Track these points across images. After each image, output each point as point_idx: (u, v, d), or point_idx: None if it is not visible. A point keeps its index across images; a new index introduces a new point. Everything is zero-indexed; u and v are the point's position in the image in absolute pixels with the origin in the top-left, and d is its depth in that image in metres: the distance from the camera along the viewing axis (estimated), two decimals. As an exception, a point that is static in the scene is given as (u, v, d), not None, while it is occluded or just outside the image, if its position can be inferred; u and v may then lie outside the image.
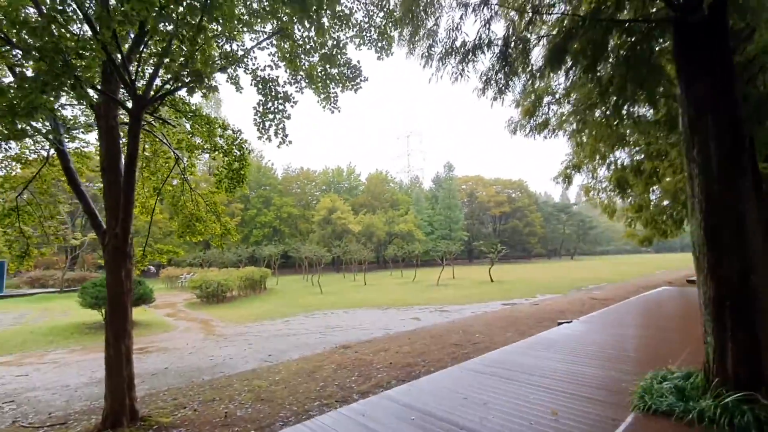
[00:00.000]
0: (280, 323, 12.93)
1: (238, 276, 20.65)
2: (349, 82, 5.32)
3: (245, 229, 50.22)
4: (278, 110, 4.90)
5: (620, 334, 8.05)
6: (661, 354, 6.58)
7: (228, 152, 5.55)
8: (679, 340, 7.32)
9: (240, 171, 5.66)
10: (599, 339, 7.64)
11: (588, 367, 5.91)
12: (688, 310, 10.50)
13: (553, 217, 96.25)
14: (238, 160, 5.56)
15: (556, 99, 16.36)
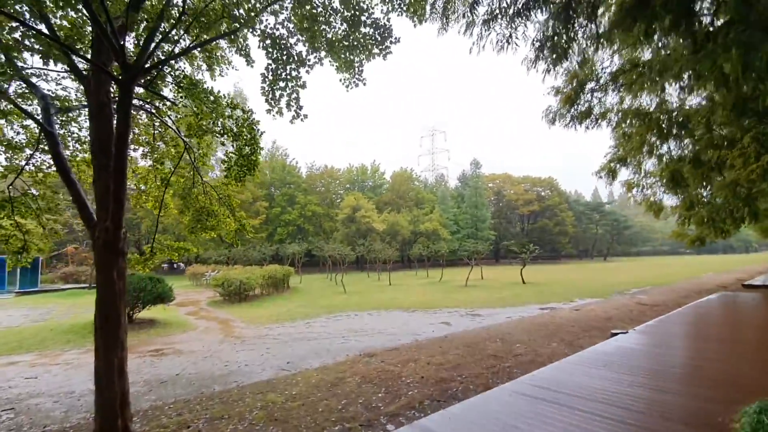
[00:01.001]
0: (302, 325, 12.27)
1: (261, 274, 20.25)
2: (377, 46, 4.47)
3: (270, 227, 50.44)
4: (291, 77, 4.13)
5: (690, 349, 6.87)
6: (752, 376, 5.41)
7: (238, 135, 4.82)
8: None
9: (251, 157, 4.93)
10: (665, 354, 6.50)
11: (661, 391, 4.84)
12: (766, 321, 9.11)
13: (584, 217, 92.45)
14: (249, 143, 4.83)
15: (600, 85, 14.99)
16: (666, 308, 13.06)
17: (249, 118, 4.72)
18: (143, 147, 6.41)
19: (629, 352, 6.70)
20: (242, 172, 5.02)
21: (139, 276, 12.86)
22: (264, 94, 4.20)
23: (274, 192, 54.05)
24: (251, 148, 4.83)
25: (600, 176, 17.25)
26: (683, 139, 12.95)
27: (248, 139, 4.76)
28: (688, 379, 5.48)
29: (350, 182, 61.39)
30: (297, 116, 4.30)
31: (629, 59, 14.02)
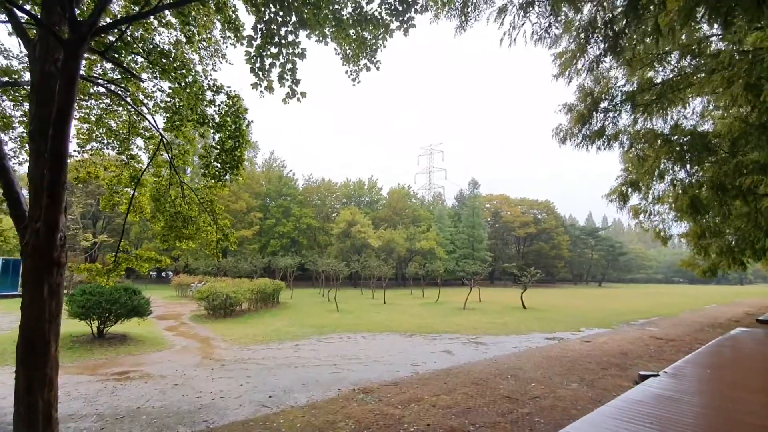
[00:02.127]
0: (289, 347, 11.18)
1: (249, 288, 19.12)
2: (398, 17, 3.64)
3: (263, 238, 49.23)
4: (286, 41, 3.27)
5: (730, 399, 5.91)
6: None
7: (221, 126, 3.95)
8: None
9: (235, 152, 4.05)
10: (706, 407, 5.54)
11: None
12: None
13: (580, 241, 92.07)
14: (233, 136, 3.96)
15: (614, 105, 14.34)
16: (683, 344, 12.14)
17: (234, 105, 3.85)
18: (112, 139, 5.50)
19: (667, 403, 5.74)
20: (223, 169, 4.13)
21: (113, 287, 11.78)
22: (249, 61, 3.32)
23: (269, 203, 53.04)
24: (235, 142, 3.97)
25: (611, 200, 16.55)
26: (703, 163, 12.28)
27: (232, 131, 3.90)
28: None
29: (347, 197, 60.56)
30: (292, 94, 3.44)
31: (645, 80, 13.47)
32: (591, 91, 13.45)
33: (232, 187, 46.13)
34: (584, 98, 13.79)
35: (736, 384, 6.77)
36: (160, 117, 5.29)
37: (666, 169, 14.55)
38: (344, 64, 4.85)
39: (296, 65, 3.39)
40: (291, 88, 3.42)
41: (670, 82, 12.34)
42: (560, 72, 14.98)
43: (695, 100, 14.91)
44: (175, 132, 4.81)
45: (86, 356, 9.95)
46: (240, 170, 4.29)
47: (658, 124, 14.42)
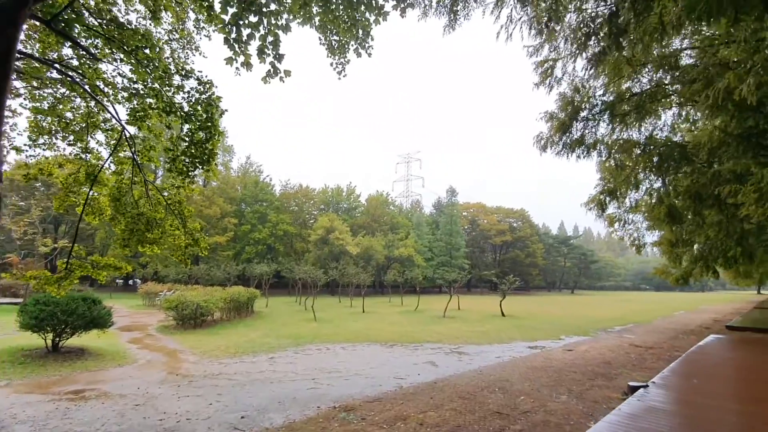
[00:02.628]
0: (264, 360, 10.54)
1: (222, 297, 18.23)
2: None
3: (238, 245, 47.82)
4: (268, 11, 2.83)
5: (723, 410, 5.79)
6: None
7: (190, 115, 3.49)
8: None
9: (206, 144, 3.58)
10: (702, 419, 5.38)
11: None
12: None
13: (553, 249, 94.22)
14: (204, 127, 3.50)
15: (593, 114, 14.50)
16: (662, 351, 12.23)
17: (206, 93, 3.40)
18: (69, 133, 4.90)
19: (660, 416, 5.55)
20: (192, 164, 3.64)
21: (70, 296, 10.85)
22: (223, 30, 2.84)
23: (244, 208, 51.66)
24: (207, 133, 3.50)
25: (590, 208, 16.72)
26: (679, 172, 12.50)
27: (203, 121, 3.44)
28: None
29: (325, 203, 59.77)
30: (274, 72, 3.01)
31: (622, 90, 13.69)
32: (572, 99, 13.58)
33: (206, 192, 44.71)
34: (565, 107, 13.91)
35: (725, 395, 6.68)
36: (122, 108, 4.75)
37: (642, 178, 14.83)
38: (329, 56, 4.48)
39: (279, 38, 2.96)
40: (273, 65, 2.99)
41: (647, 92, 12.58)
42: (541, 80, 15.13)
43: (667, 113, 15.35)
44: (138, 124, 4.28)
45: (38, 372, 9.03)
46: (212, 166, 3.83)
47: (634, 134, 14.75)
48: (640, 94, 12.73)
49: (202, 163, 3.79)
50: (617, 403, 6.76)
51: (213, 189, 46.61)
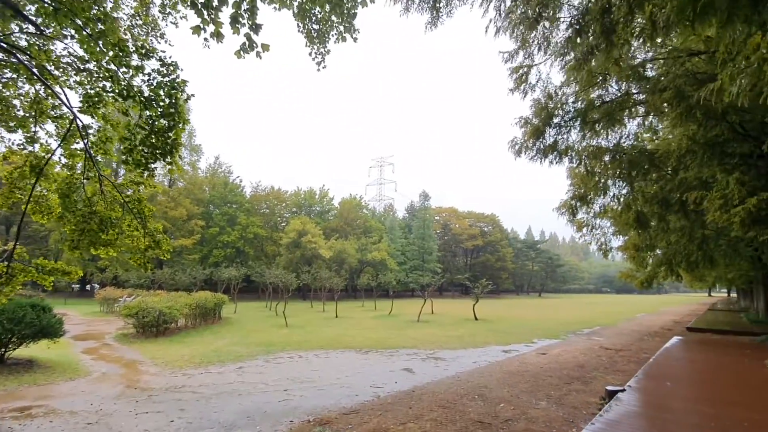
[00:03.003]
0: (232, 370, 9.95)
1: (187, 303, 17.30)
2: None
3: (205, 248, 46.08)
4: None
5: (698, 414, 5.85)
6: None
7: (150, 101, 3.08)
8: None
9: (168, 133, 3.18)
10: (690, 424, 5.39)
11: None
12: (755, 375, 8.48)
13: (522, 254, 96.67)
14: (166, 113, 3.10)
15: (565, 121, 14.78)
16: (631, 353, 12.52)
17: (169, 75, 3.01)
18: (11, 120, 4.33)
19: (642, 422, 5.52)
20: (152, 155, 3.23)
21: (17, 302, 9.89)
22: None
23: (213, 210, 49.90)
24: (170, 121, 3.10)
25: (561, 212, 17.05)
26: (647, 179, 12.91)
27: (166, 107, 3.04)
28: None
29: (297, 206, 58.66)
30: (250, 46, 2.64)
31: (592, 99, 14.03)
32: (545, 105, 13.80)
33: (171, 192, 42.88)
34: (539, 112, 14.12)
35: (699, 398, 6.78)
36: (75, 95, 4.24)
37: (611, 184, 15.25)
38: (308, 45, 4.17)
39: (256, 5, 2.61)
40: (248, 36, 2.63)
41: (617, 101, 12.91)
42: (516, 86, 15.31)
43: (632, 122, 15.90)
44: (92, 111, 3.80)
45: None
46: (175, 158, 3.41)
47: (602, 142, 15.17)
48: (610, 102, 13.10)
49: (164, 154, 3.37)
50: (596, 409, 6.74)
51: (179, 190, 44.75)
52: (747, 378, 8.29)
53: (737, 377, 8.37)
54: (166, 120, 3.19)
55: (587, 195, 15.87)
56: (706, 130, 8.61)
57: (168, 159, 3.41)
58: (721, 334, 16.97)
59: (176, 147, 3.41)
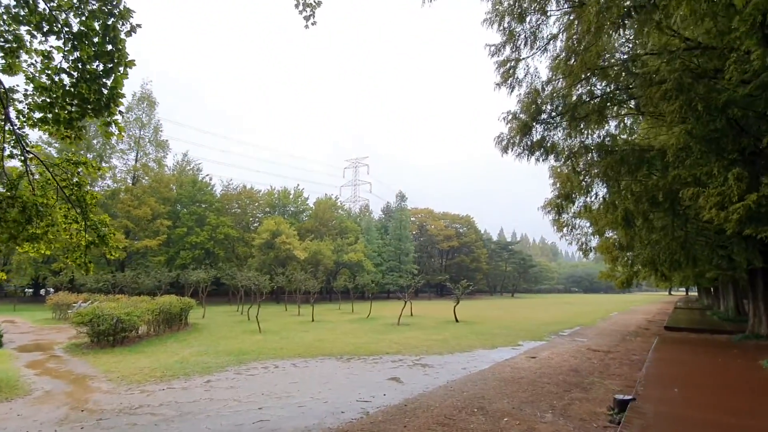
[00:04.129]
0: (199, 385, 8.86)
1: (149, 308, 15.87)
2: None
3: (171, 249, 43.74)
4: None
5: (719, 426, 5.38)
6: None
7: (81, 36, 2.18)
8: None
9: (104, 80, 2.29)
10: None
11: None
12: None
13: (495, 254, 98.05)
14: (101, 53, 2.21)
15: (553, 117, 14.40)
16: (620, 355, 12.24)
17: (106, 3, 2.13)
18: None
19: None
20: (81, 110, 2.31)
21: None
22: None
23: (180, 210, 47.48)
24: (106, 64, 2.21)
25: (547, 211, 16.74)
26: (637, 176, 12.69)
27: (101, 44, 2.15)
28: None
29: (270, 206, 56.82)
30: None
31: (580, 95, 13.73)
32: (534, 99, 13.39)
33: (135, 190, 40.46)
34: (528, 107, 13.72)
35: (713, 406, 6.34)
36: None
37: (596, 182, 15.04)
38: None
39: None
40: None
41: (609, 94, 12.61)
42: (503, 80, 14.85)
43: (610, 123, 15.79)
44: (9, 61, 2.82)
45: None
46: (113, 113, 2.51)
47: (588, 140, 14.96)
48: (600, 97, 12.82)
49: (98, 109, 2.46)
50: (606, 421, 6.20)
51: (143, 187, 42.25)
52: (751, 382, 7.99)
53: (741, 381, 8.06)
54: (101, 62, 2.30)
55: (572, 194, 15.64)
56: (705, 124, 8.34)
57: (103, 115, 2.51)
58: (698, 333, 17.16)
59: (115, 99, 2.52)
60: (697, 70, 9.07)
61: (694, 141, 8.70)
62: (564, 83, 12.84)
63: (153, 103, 44.70)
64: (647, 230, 14.36)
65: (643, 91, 9.22)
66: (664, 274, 15.39)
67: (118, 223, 39.47)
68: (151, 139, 44.53)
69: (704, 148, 8.71)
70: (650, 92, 8.69)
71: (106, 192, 42.15)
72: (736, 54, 7.56)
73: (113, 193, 41.68)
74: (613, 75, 12.13)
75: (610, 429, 5.86)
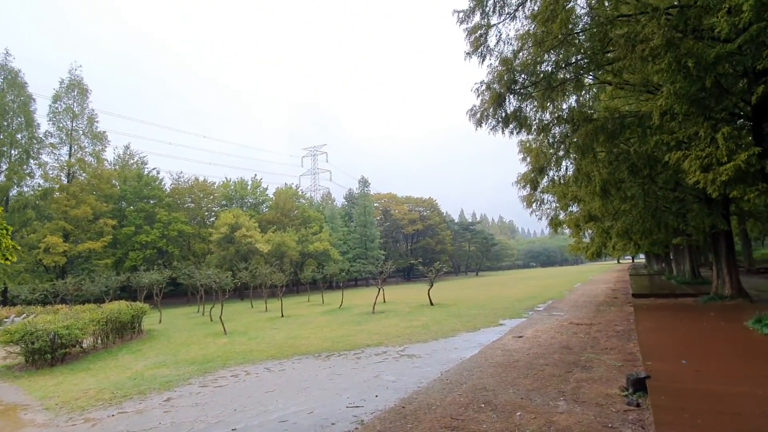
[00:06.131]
0: (157, 405, 7.59)
1: (95, 318, 14.01)
2: None
3: (118, 251, 40.35)
4: None
5: (755, 397, 4.99)
6: None
7: None
8: None
9: None
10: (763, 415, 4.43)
11: None
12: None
13: (459, 235, 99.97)
14: None
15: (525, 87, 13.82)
16: (603, 327, 12.15)
17: None
18: None
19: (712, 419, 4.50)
20: None
21: None
22: None
23: (125, 207, 43.75)
24: None
25: (522, 186, 16.38)
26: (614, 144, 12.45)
27: None
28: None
29: (227, 198, 53.85)
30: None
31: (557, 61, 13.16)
32: (509, 68, 12.74)
33: (71, 188, 36.62)
34: (501, 76, 13.06)
35: (729, 375, 6.01)
36: None
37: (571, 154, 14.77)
38: None
39: None
40: None
41: (589, 56, 12.07)
42: (473, 49, 14.04)
43: (586, 93, 15.55)
44: None
45: None
46: None
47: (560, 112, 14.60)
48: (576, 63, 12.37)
49: None
50: (621, 403, 5.71)
51: (81, 184, 38.29)
52: (747, 345, 7.88)
53: (738, 346, 7.92)
54: None
55: (546, 167, 15.34)
56: (693, 82, 8.00)
57: None
58: (665, 298, 17.72)
59: None
60: (681, 27, 8.70)
61: (680, 102, 8.36)
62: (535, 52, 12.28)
63: (85, 91, 40.25)
64: (619, 200, 14.35)
65: (626, 52, 8.74)
66: (637, 243, 15.58)
67: (54, 226, 35.60)
68: (85, 131, 40.23)
69: (692, 109, 8.40)
70: (637, 50, 8.21)
71: (36, 192, 37.80)
72: (728, 5, 7.17)
73: (45, 193, 37.44)
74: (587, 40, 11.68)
75: (631, 412, 5.36)
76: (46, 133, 38.83)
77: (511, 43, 13.25)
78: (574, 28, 11.49)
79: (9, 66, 36.52)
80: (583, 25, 11.86)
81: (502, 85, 12.90)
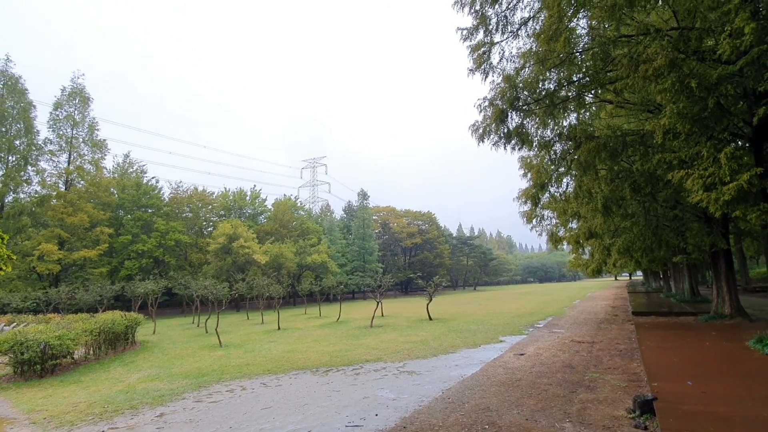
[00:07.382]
0: (149, 421, 7.36)
1: (88, 328, 13.74)
2: None
3: (114, 259, 40.01)
4: None
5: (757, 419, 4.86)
6: None
7: None
8: None
9: None
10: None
11: None
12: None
13: (457, 249, 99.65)
14: None
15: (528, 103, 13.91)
16: (605, 345, 11.99)
17: None
18: None
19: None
20: None
21: None
22: None
23: (123, 216, 43.53)
24: None
25: (523, 201, 16.36)
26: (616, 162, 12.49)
27: None
28: None
29: (225, 209, 53.67)
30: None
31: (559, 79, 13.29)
32: (511, 85, 12.84)
33: (68, 195, 36.46)
34: (504, 92, 13.15)
35: (738, 397, 5.87)
36: None
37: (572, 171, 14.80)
38: None
39: None
40: None
41: (590, 75, 12.17)
42: (476, 66, 14.17)
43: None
44: None
45: None
46: None
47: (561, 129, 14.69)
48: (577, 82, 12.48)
49: None
50: (629, 426, 5.56)
51: (78, 192, 38.13)
52: (751, 365, 7.76)
53: (742, 366, 7.80)
54: None
55: (547, 183, 15.36)
56: (696, 103, 8.05)
57: None
58: (665, 316, 17.57)
59: None
60: (683, 48, 8.81)
61: (683, 122, 8.40)
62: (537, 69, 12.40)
63: (86, 99, 40.41)
64: (620, 217, 14.33)
65: (629, 71, 8.82)
66: (638, 261, 15.52)
67: (49, 233, 35.33)
68: (86, 138, 40.25)
69: (695, 129, 8.44)
70: (641, 70, 8.28)
71: (33, 199, 37.61)
72: (730, 28, 7.27)
73: (42, 200, 37.24)
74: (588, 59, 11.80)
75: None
76: (45, 140, 38.81)
77: (514, 61, 13.41)
78: (576, 47, 11.66)
79: (9, 72, 36.71)
80: (584, 44, 12.03)
81: (505, 101, 13.00)
